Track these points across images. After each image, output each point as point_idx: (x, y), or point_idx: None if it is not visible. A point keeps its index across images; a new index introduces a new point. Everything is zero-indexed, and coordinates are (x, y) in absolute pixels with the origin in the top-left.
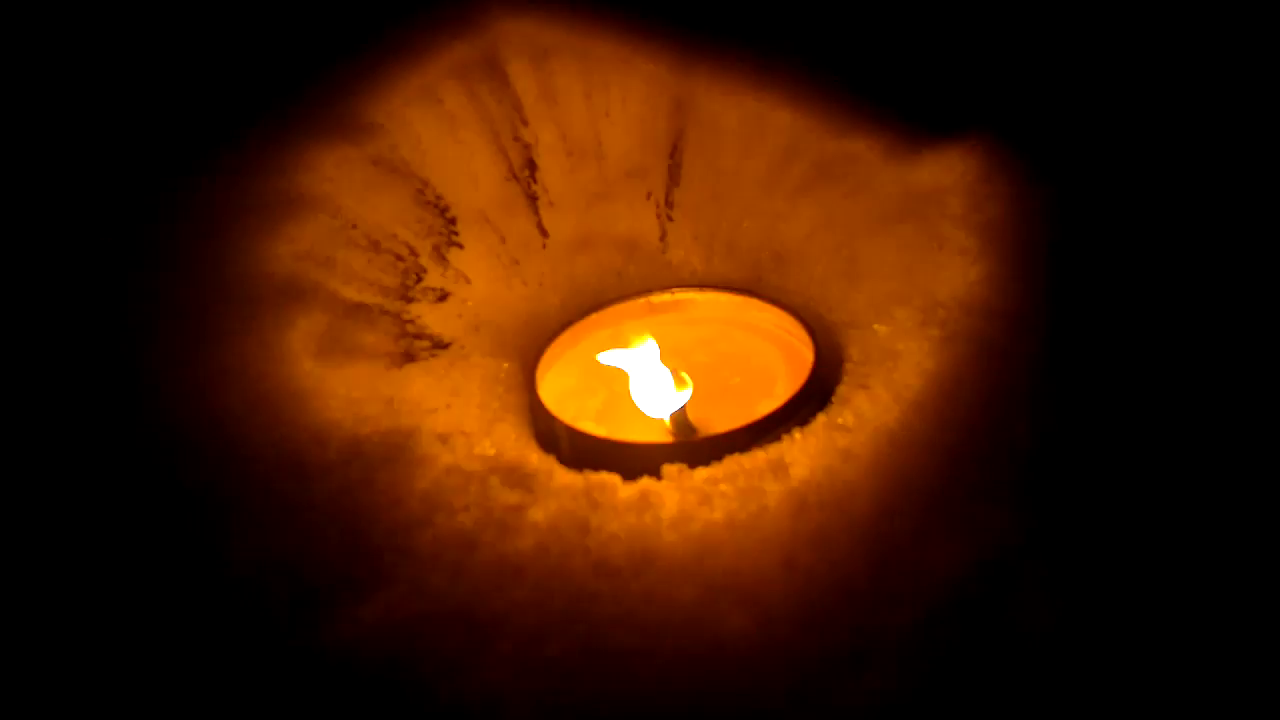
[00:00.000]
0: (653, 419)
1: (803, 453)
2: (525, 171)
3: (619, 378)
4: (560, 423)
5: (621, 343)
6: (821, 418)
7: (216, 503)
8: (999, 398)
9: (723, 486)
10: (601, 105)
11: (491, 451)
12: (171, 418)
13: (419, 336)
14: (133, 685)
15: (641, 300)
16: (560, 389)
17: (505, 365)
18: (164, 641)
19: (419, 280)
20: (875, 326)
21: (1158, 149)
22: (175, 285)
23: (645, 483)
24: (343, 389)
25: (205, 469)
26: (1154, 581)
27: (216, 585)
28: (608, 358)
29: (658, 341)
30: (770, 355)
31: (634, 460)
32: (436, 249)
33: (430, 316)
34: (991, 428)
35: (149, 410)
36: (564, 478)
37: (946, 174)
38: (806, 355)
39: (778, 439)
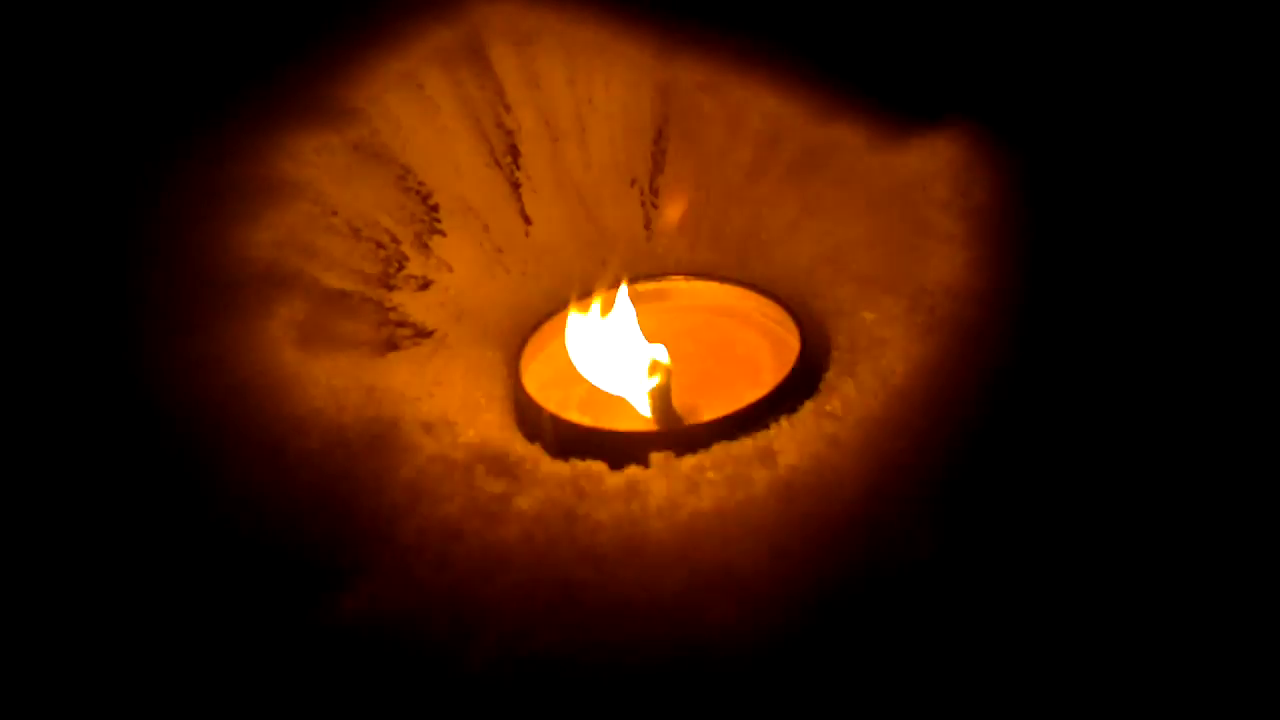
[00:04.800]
0: (633, 406)
1: (790, 440)
2: (508, 158)
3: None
4: (545, 411)
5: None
6: (809, 405)
7: (195, 492)
8: (986, 383)
9: (710, 474)
10: (585, 91)
11: (476, 440)
12: (150, 406)
13: (401, 325)
14: (111, 678)
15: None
16: (545, 377)
17: (488, 354)
18: (143, 634)
19: (401, 268)
20: (862, 314)
21: (1144, 135)
22: (153, 272)
23: (632, 471)
24: (324, 377)
25: (184, 458)
26: (1146, 572)
27: (196, 576)
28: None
29: (641, 330)
30: (756, 343)
31: (620, 449)
32: (418, 236)
33: (412, 305)
34: (979, 413)
35: (126, 399)
36: (550, 466)
37: (932, 160)
38: (793, 343)
39: (765, 427)
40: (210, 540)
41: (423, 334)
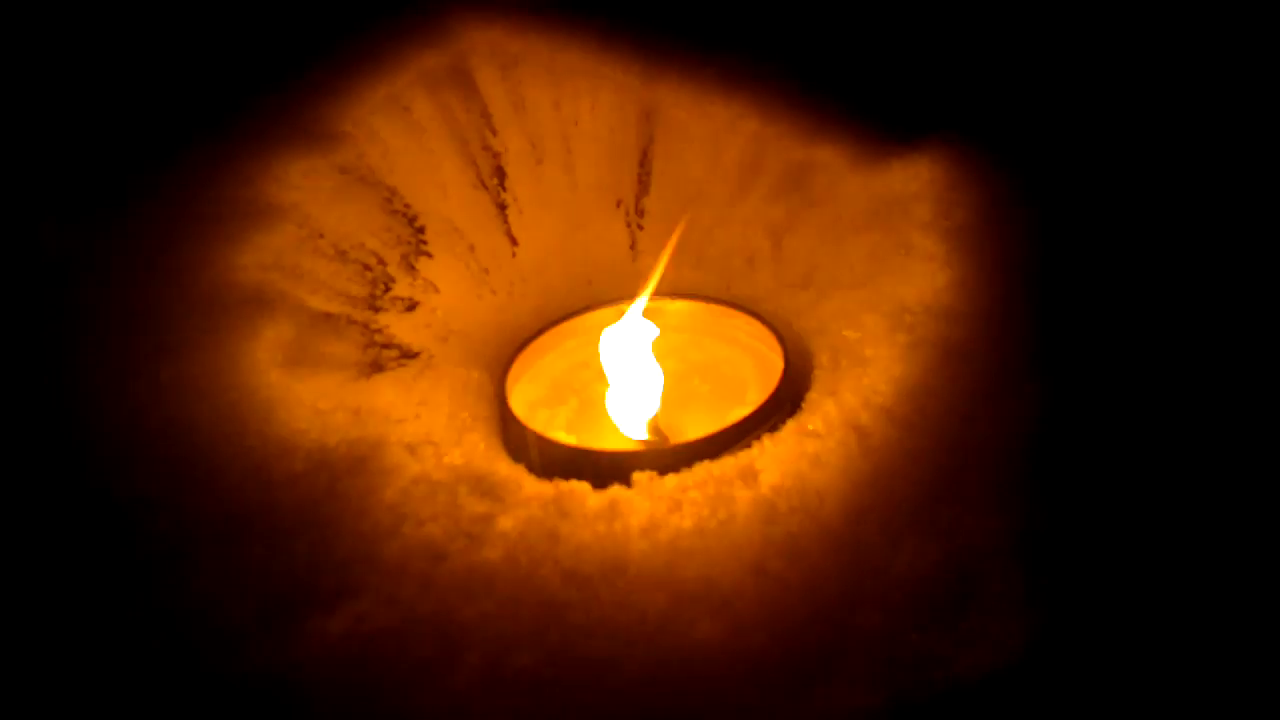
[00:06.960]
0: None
1: (773, 459)
2: (494, 180)
3: (592, 385)
4: (529, 431)
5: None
6: (791, 424)
7: (181, 515)
8: (967, 402)
9: (693, 494)
10: (570, 114)
11: (460, 461)
12: (135, 429)
13: (387, 346)
14: (95, 707)
15: (612, 309)
16: (530, 398)
17: (474, 375)
18: (127, 659)
19: (387, 290)
20: (844, 333)
21: (1124, 152)
22: (140, 294)
23: (615, 491)
24: (309, 399)
25: (170, 480)
26: (1127, 587)
27: (181, 599)
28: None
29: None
30: (740, 363)
31: (604, 468)
32: (405, 258)
33: (398, 326)
34: (960, 433)
35: (112, 421)
36: (533, 487)
37: (914, 180)
38: (776, 362)
39: (748, 446)
40: (193, 562)
41: (408, 355)
